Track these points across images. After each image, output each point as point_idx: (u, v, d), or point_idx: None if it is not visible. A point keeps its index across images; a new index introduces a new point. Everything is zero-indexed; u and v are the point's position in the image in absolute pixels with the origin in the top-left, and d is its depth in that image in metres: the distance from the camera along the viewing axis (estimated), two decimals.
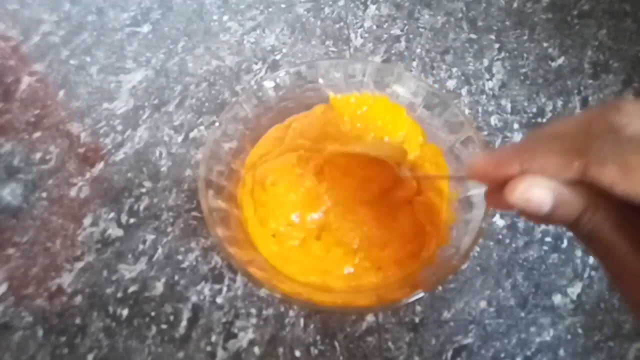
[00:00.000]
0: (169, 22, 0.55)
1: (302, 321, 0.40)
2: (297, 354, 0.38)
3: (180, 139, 0.48)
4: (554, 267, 0.42)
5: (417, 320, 0.40)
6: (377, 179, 0.40)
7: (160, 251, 0.42)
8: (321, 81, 0.43)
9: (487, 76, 0.52)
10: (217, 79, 0.51)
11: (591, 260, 0.42)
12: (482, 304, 0.41)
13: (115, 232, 0.43)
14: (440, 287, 0.41)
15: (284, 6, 0.56)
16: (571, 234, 0.25)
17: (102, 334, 0.39)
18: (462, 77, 0.51)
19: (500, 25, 0.55)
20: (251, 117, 0.42)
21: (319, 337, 0.39)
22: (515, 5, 0.57)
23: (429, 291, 0.34)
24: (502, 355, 0.39)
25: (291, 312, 0.40)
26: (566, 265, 0.42)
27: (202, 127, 0.48)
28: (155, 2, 0.57)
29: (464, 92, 0.51)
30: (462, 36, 0.54)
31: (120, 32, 0.55)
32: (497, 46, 0.54)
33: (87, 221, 0.43)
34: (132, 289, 0.40)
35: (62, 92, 0.51)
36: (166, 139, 0.48)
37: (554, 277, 0.42)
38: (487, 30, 0.55)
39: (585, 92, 0.51)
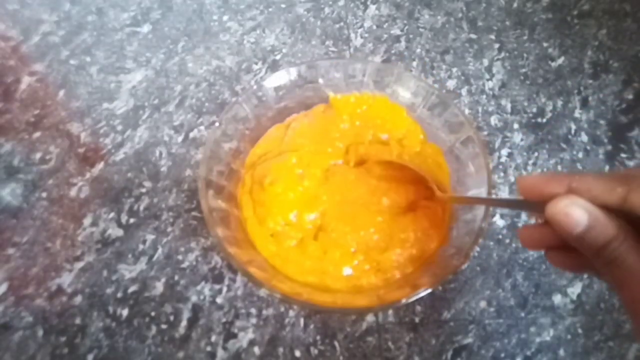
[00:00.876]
0: (169, 22, 0.55)
1: (302, 321, 0.40)
2: (297, 354, 0.38)
3: (180, 139, 0.48)
4: (553, 267, 0.42)
5: (417, 320, 0.40)
6: (392, 195, 0.40)
7: (160, 251, 0.42)
8: (321, 81, 0.43)
9: (487, 76, 0.52)
10: (217, 79, 0.51)
11: None
12: (482, 304, 0.41)
13: (115, 232, 0.43)
14: (440, 287, 0.41)
15: (284, 6, 0.56)
16: None
17: (102, 334, 0.39)
18: (462, 77, 0.51)
19: (500, 25, 0.55)
20: (251, 117, 0.42)
21: (319, 337, 0.39)
22: (515, 5, 0.57)
23: (429, 291, 0.34)
24: (502, 355, 0.39)
25: (291, 312, 0.40)
26: None
27: (202, 127, 0.48)
28: (155, 2, 0.57)
29: (464, 92, 0.51)
30: (462, 36, 0.54)
31: (120, 32, 0.55)
32: (497, 46, 0.54)
33: (87, 221, 0.43)
34: (132, 289, 0.40)
35: (62, 92, 0.51)
36: (166, 139, 0.48)
37: (554, 277, 0.42)
38: (487, 30, 0.55)
39: (585, 92, 0.51)
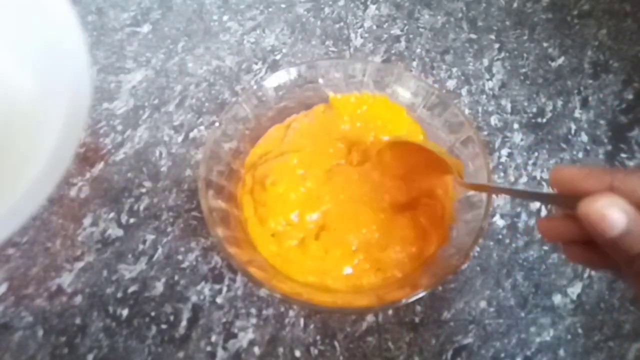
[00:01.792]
0: (169, 22, 0.55)
1: (302, 321, 0.40)
2: (297, 354, 0.38)
3: (180, 139, 0.48)
4: (554, 267, 0.42)
5: (417, 320, 0.40)
6: (392, 191, 0.40)
7: (160, 251, 0.42)
8: (321, 81, 0.43)
9: (487, 76, 0.52)
10: (217, 79, 0.51)
11: None
12: (482, 304, 0.41)
13: (115, 232, 0.43)
14: (440, 287, 0.41)
15: (284, 6, 0.56)
16: None
17: (102, 334, 0.39)
18: (462, 77, 0.52)
19: (500, 25, 0.55)
20: (251, 117, 0.42)
21: (319, 337, 0.39)
22: (515, 5, 0.57)
23: (429, 291, 0.34)
24: (502, 355, 0.39)
25: (291, 312, 0.40)
26: (566, 265, 0.42)
27: (202, 127, 0.48)
28: (155, 2, 0.57)
29: (464, 92, 0.51)
30: (462, 36, 0.54)
31: (120, 32, 0.55)
32: (497, 46, 0.54)
33: (87, 221, 0.43)
34: (132, 289, 0.40)
35: None
36: (166, 139, 0.48)
37: (554, 277, 0.42)
38: (487, 30, 0.55)
39: (585, 92, 0.51)
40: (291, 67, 0.42)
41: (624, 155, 0.48)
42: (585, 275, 0.42)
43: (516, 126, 0.49)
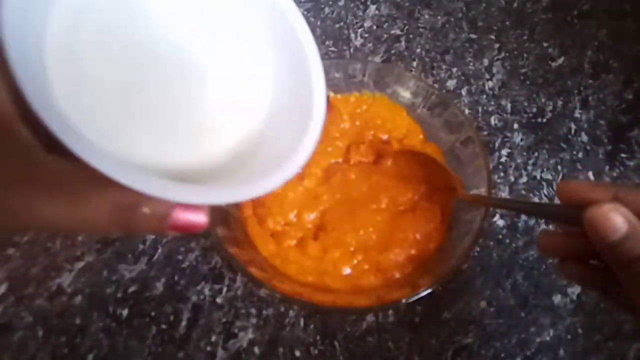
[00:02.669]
0: None
1: (302, 321, 0.40)
2: (297, 354, 0.38)
3: None
4: (554, 267, 0.42)
5: (417, 320, 0.40)
6: (392, 194, 0.40)
7: (160, 251, 0.42)
8: None
9: (487, 76, 0.52)
10: None
11: None
12: (482, 304, 0.41)
13: None
14: (440, 287, 0.41)
15: None
16: None
17: (102, 334, 0.39)
18: (462, 77, 0.51)
19: (500, 25, 0.55)
20: None
21: (319, 337, 0.39)
22: (515, 5, 0.57)
23: (429, 291, 0.34)
24: (502, 355, 0.39)
25: (291, 312, 0.40)
26: None
27: None
28: None
29: (464, 92, 0.51)
30: (462, 36, 0.54)
31: None
32: (497, 46, 0.54)
33: None
34: (132, 289, 0.40)
35: None
36: None
37: (554, 277, 0.42)
38: (487, 30, 0.55)
39: (585, 92, 0.51)
40: None
41: (624, 155, 0.48)
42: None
43: (516, 126, 0.49)
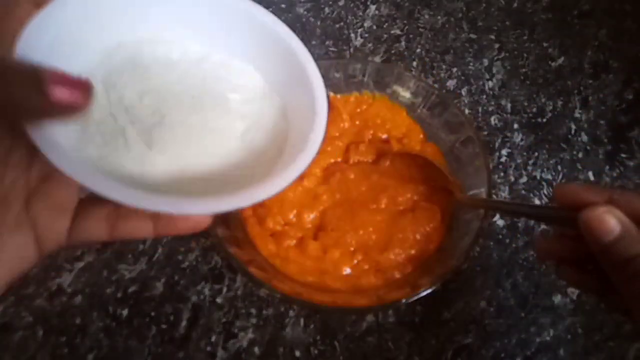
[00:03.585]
0: None
1: (302, 321, 0.40)
2: (297, 354, 0.38)
3: None
4: (554, 267, 0.42)
5: (417, 320, 0.40)
6: (391, 194, 0.40)
7: (160, 251, 0.42)
8: None
9: (487, 76, 0.52)
10: None
11: None
12: (482, 304, 0.41)
13: None
14: (440, 287, 0.41)
15: (284, 6, 0.56)
16: None
17: (102, 334, 0.39)
18: (462, 77, 0.51)
19: (500, 25, 0.55)
20: None
21: (319, 337, 0.39)
22: (515, 5, 0.57)
23: (429, 291, 0.34)
24: (502, 355, 0.39)
25: (291, 312, 0.40)
26: None
27: None
28: None
29: (464, 92, 0.51)
30: (462, 36, 0.54)
31: None
32: (497, 46, 0.54)
33: None
34: (132, 289, 0.40)
35: None
36: None
37: (554, 277, 0.42)
38: (487, 30, 0.55)
39: (585, 92, 0.51)
40: None
41: (624, 155, 0.48)
42: None
43: (516, 126, 0.49)
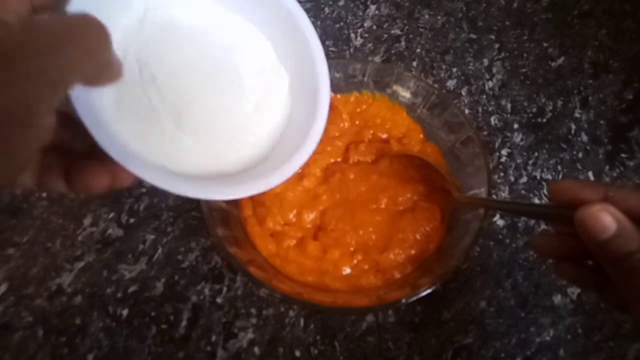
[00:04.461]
0: None
1: (302, 321, 0.40)
2: (297, 354, 0.38)
3: None
4: (553, 266, 0.42)
5: (417, 320, 0.40)
6: (391, 194, 0.40)
7: (160, 251, 0.42)
8: None
9: (487, 76, 0.52)
10: None
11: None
12: (482, 304, 0.41)
13: (115, 232, 0.43)
14: (440, 287, 0.41)
15: None
16: None
17: (102, 334, 0.39)
18: (462, 77, 0.51)
19: (500, 25, 0.55)
20: None
21: (319, 337, 0.39)
22: (515, 5, 0.57)
23: (429, 291, 0.34)
24: (502, 355, 0.39)
25: (291, 312, 0.40)
26: None
27: None
28: None
29: (464, 92, 0.51)
30: (462, 36, 0.54)
31: None
32: (497, 46, 0.54)
33: (87, 221, 0.43)
34: (132, 289, 0.40)
35: None
36: None
37: (554, 277, 0.42)
38: (487, 30, 0.55)
39: (585, 92, 0.51)
40: None
41: (624, 155, 0.48)
42: None
43: (516, 126, 0.49)
